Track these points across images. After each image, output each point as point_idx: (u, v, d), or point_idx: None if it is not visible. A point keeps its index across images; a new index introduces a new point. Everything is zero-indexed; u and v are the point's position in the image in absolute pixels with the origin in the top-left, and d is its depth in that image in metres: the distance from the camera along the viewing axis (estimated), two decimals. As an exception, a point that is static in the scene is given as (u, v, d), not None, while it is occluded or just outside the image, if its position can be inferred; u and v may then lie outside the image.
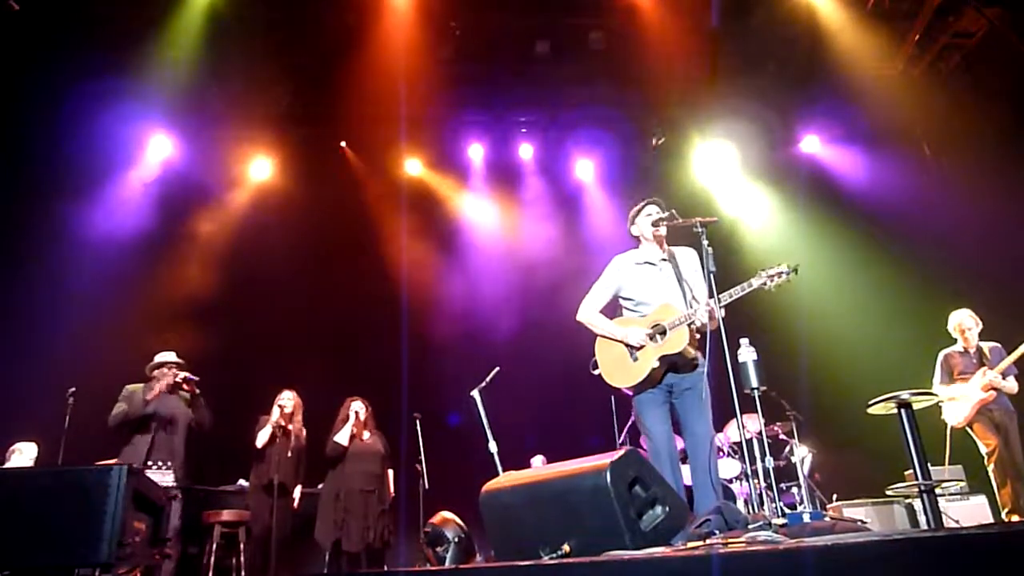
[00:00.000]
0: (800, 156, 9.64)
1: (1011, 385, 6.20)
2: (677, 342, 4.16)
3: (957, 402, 6.29)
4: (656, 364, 4.17)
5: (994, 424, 6.17)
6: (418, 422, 6.73)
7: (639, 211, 4.50)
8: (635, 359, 4.24)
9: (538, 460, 8.16)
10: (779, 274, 4.04)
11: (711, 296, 3.86)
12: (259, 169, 9.17)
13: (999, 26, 7.76)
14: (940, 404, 6.36)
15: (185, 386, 5.94)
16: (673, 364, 4.22)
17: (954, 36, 8.10)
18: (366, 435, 6.56)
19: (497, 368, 5.52)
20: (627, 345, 4.27)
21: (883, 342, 7.87)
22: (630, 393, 4.30)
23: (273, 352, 8.58)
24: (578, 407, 8.67)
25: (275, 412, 6.43)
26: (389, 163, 9.48)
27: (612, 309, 4.53)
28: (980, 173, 7.60)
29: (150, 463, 5.61)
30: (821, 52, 8.40)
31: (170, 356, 6.06)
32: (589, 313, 4.48)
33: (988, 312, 6.69)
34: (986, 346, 6.37)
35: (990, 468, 6.13)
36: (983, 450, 6.19)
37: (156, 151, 8.70)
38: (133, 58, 7.64)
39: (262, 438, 6.36)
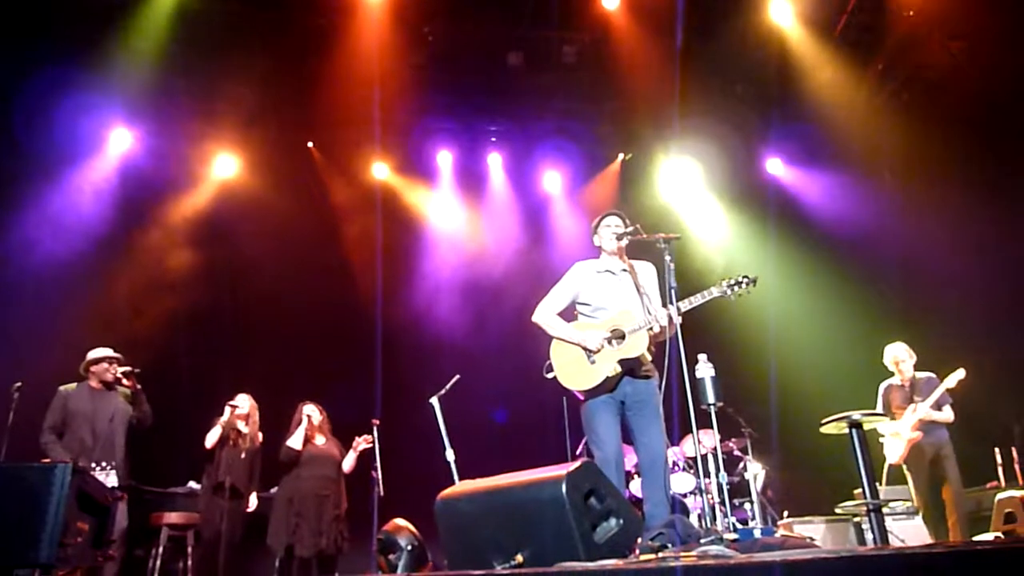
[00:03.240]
0: (764, 177, 9.79)
1: (946, 415, 6.29)
2: (636, 346, 4.20)
3: (894, 439, 6.42)
4: (614, 367, 4.21)
5: (926, 461, 6.27)
6: (375, 429, 6.68)
7: (601, 221, 4.56)
8: (592, 362, 4.27)
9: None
10: (738, 284, 4.15)
11: (665, 306, 3.97)
12: (223, 167, 9.02)
13: (961, 59, 8.00)
14: (880, 440, 6.49)
15: (126, 381, 5.78)
16: (630, 369, 4.25)
17: (917, 67, 8.32)
18: (320, 440, 6.50)
19: (457, 376, 5.56)
20: (584, 348, 4.29)
21: (839, 363, 7.99)
22: (581, 397, 4.32)
23: (233, 354, 8.45)
24: (540, 416, 8.69)
25: (226, 412, 6.32)
26: (357, 166, 9.40)
27: (567, 316, 4.55)
28: (939, 201, 7.80)
29: (93, 464, 5.44)
30: (788, 76, 8.57)
31: (106, 351, 5.86)
32: (546, 315, 4.48)
33: (940, 340, 6.85)
34: (922, 377, 6.48)
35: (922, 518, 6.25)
36: (915, 502, 6.34)
37: (116, 145, 8.51)
38: (95, 49, 7.48)
39: (211, 438, 6.26)
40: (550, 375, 4.43)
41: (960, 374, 6.21)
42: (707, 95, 8.89)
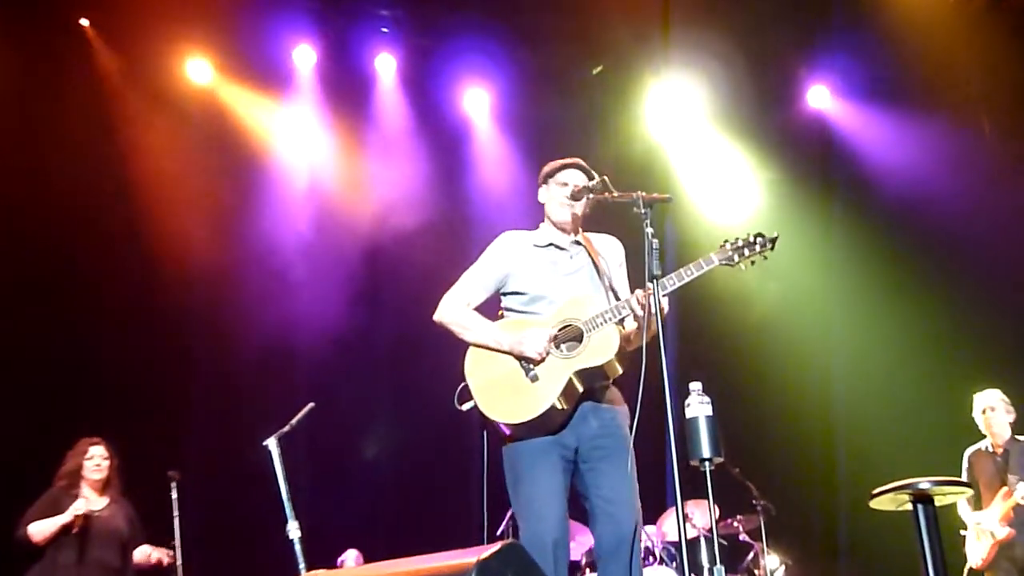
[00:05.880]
0: (804, 113, 9.98)
1: None
2: (601, 349, 4.17)
3: (978, 533, 6.61)
4: (568, 384, 4.17)
5: (1016, 567, 6.46)
6: (174, 486, 6.62)
7: (552, 173, 4.54)
8: (532, 377, 4.23)
9: (352, 557, 8.10)
10: (749, 246, 4.18)
11: (648, 311, 3.93)
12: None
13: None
14: (962, 533, 6.69)
15: None
16: (590, 388, 4.23)
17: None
18: (100, 503, 6.41)
19: (311, 404, 5.51)
20: (522, 358, 4.25)
21: (905, 405, 8.23)
22: (507, 432, 4.25)
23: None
24: (447, 472, 8.65)
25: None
26: (161, 62, 9.23)
27: (490, 316, 4.48)
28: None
29: None
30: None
31: None
32: (456, 310, 4.42)
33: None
34: (1022, 442, 6.69)
35: None
36: None
37: None
38: None
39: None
40: (466, 407, 4.36)
41: None
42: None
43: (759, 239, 4.18)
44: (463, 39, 9.65)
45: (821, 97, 9.95)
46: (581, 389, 4.18)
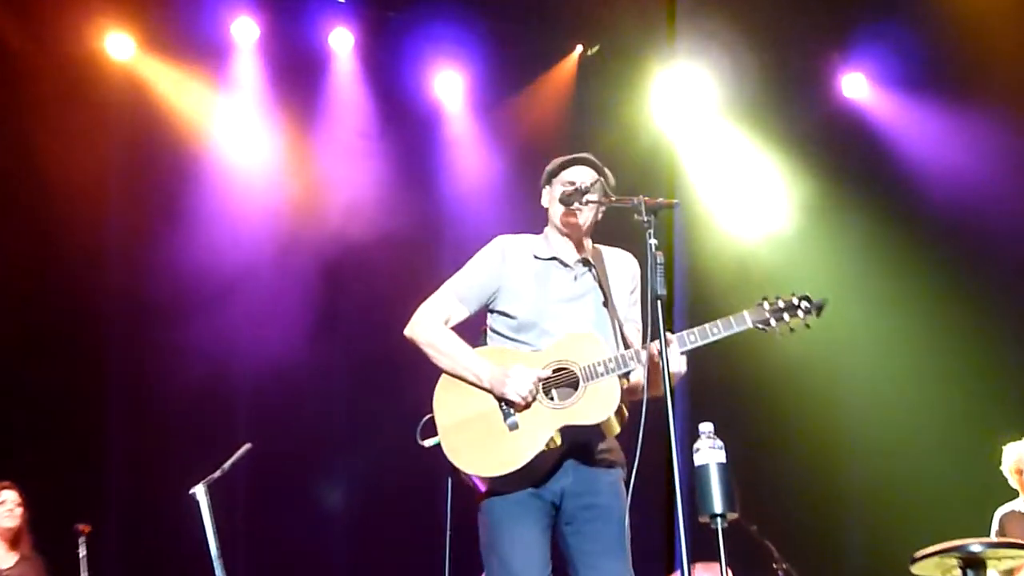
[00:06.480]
0: (837, 105, 10.02)
1: None
2: (598, 406, 4.12)
3: None
4: (550, 441, 4.12)
5: None
6: (82, 541, 6.62)
7: (556, 172, 4.47)
8: (512, 425, 4.16)
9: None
10: (792, 309, 4.15)
11: (652, 337, 3.89)
12: None
13: None
14: None
15: None
16: (582, 446, 4.18)
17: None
18: (10, 560, 6.57)
19: (248, 445, 5.60)
20: (500, 398, 4.18)
21: (957, 451, 8.23)
22: (482, 488, 4.20)
23: None
24: (410, 527, 8.60)
25: None
26: (72, 35, 9.16)
27: (471, 338, 4.42)
28: None
29: None
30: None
31: None
32: (432, 327, 4.37)
33: None
34: None
35: None
36: None
37: None
38: None
39: None
40: (428, 443, 4.33)
41: None
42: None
43: (803, 303, 4.18)
44: (434, 12, 9.66)
45: (857, 86, 10.02)
46: (567, 447, 4.14)
